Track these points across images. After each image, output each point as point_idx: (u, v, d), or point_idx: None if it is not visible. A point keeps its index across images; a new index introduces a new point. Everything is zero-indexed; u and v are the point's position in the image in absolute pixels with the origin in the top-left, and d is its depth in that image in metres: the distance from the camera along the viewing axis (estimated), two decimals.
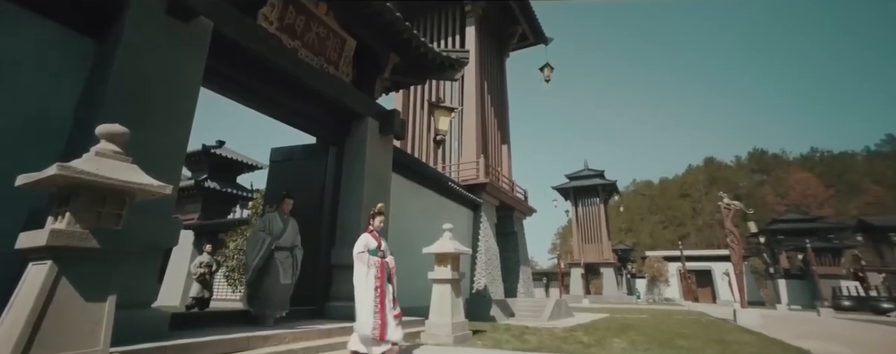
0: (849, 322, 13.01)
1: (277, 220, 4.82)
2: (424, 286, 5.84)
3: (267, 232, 4.70)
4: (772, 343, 5.32)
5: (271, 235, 4.71)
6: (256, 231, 4.71)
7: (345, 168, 6.17)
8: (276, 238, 4.69)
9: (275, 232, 4.74)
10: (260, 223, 4.79)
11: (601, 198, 35.71)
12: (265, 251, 4.62)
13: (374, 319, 3.91)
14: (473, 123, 11.51)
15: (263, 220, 4.83)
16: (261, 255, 4.59)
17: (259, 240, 4.64)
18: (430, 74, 7.39)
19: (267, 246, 4.62)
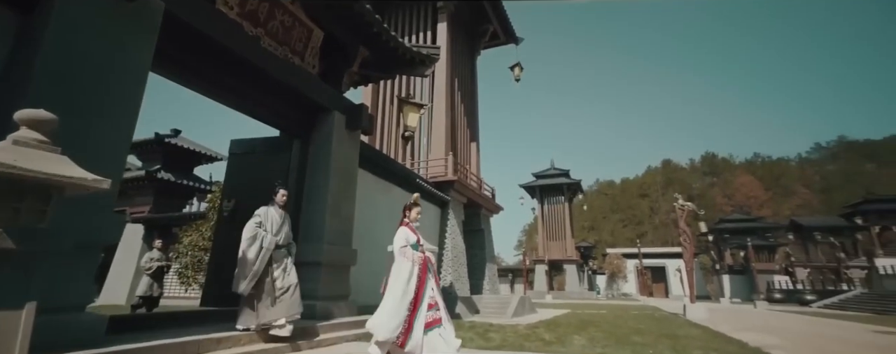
0: (779, 313, 14.16)
1: (275, 215, 4.28)
2: None
3: (265, 229, 4.11)
4: (715, 336, 5.67)
5: (270, 232, 4.12)
6: (252, 228, 4.08)
7: (310, 162, 5.96)
8: (275, 235, 4.15)
9: (274, 228, 4.21)
10: (254, 218, 4.17)
11: (566, 197, 36.78)
12: (265, 252, 3.99)
13: (402, 323, 3.41)
14: (443, 120, 11.47)
15: (258, 215, 4.23)
16: (261, 257, 3.95)
17: (257, 239, 4.01)
18: (400, 70, 7.27)
19: (268, 246, 4.00)
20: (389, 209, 8.72)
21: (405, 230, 3.94)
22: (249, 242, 4.00)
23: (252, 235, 4.04)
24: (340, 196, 6.01)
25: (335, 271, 5.69)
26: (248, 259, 3.95)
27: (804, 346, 5.14)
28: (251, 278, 3.91)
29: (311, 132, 6.02)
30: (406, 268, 3.65)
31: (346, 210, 6.15)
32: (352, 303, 5.95)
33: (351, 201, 6.33)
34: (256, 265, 3.95)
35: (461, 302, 10.13)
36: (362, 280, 7.14)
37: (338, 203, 5.92)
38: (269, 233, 4.13)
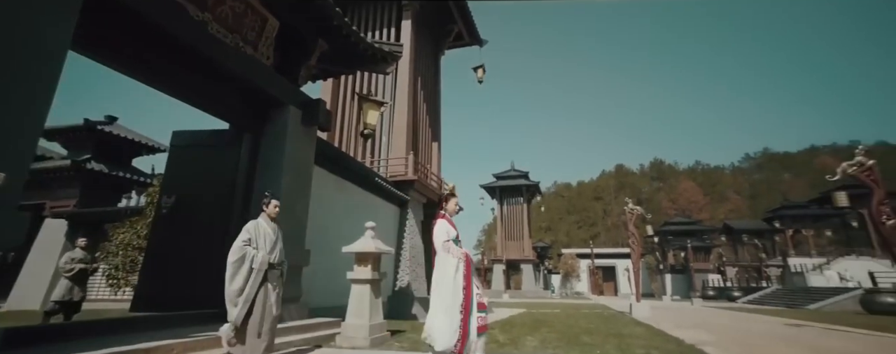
0: (711, 309, 15.38)
1: (267, 229, 3.74)
2: (346, 284, 5.58)
3: (255, 247, 3.59)
4: (657, 334, 6.02)
5: (263, 249, 3.60)
6: (239, 248, 3.53)
7: (261, 158, 5.64)
8: (269, 253, 3.63)
9: (267, 245, 3.67)
10: (242, 235, 3.61)
11: (525, 198, 37.75)
12: (257, 274, 3.45)
13: (457, 329, 3.05)
14: (404, 119, 11.33)
15: (247, 231, 3.67)
16: (252, 280, 3.43)
17: (245, 260, 3.47)
18: (361, 65, 7.07)
19: (259, 266, 3.48)
20: (346, 208, 8.48)
21: (445, 223, 3.49)
22: (237, 265, 3.45)
23: (239, 256, 3.47)
24: (294, 194, 5.74)
25: (288, 273, 5.41)
26: (236, 284, 3.41)
27: (731, 341, 5.57)
28: (243, 304, 3.39)
29: (263, 126, 5.70)
30: (451, 266, 3.26)
31: (299, 209, 5.88)
32: (304, 306, 5.71)
33: (305, 200, 6.07)
34: (247, 290, 3.42)
35: (418, 303, 10.07)
36: (316, 281, 6.88)
37: (291, 201, 5.64)
38: (262, 251, 3.61)
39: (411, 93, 11.86)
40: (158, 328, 3.81)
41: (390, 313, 9.63)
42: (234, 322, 3.38)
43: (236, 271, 3.45)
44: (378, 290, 5.54)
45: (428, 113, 13.68)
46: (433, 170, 13.55)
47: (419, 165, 12.16)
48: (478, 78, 12.45)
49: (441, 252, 3.35)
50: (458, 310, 3.12)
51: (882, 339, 6.76)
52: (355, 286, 5.38)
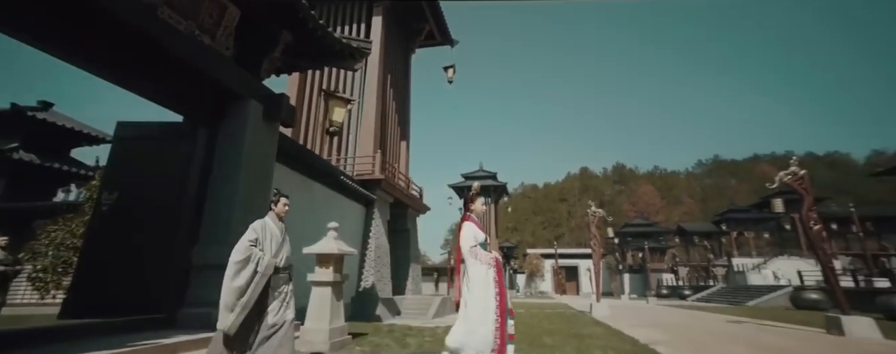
0: (665, 307, 16.23)
1: (275, 230, 3.47)
2: (308, 286, 5.39)
3: (261, 249, 3.29)
4: (614, 334, 6.24)
5: (268, 252, 3.31)
6: (245, 247, 3.23)
7: (218, 154, 5.34)
8: (274, 256, 3.35)
9: (273, 247, 3.38)
10: (249, 234, 3.31)
11: (493, 198, 38.15)
12: (260, 278, 3.18)
13: (494, 339, 2.86)
14: (373, 117, 11.14)
15: (254, 230, 3.37)
16: (255, 285, 3.14)
17: (250, 261, 3.19)
18: (327, 61, 6.85)
19: (264, 270, 3.20)
20: (310, 207, 8.21)
21: (471, 226, 3.30)
22: (240, 265, 3.15)
23: (244, 257, 3.17)
24: (253, 193, 5.47)
25: None
26: (237, 286, 3.09)
27: (681, 340, 5.88)
28: (240, 311, 3.07)
29: (221, 120, 5.39)
30: (481, 272, 3.08)
31: (259, 207, 5.60)
32: None
33: (265, 198, 5.78)
34: (248, 295, 3.11)
35: (382, 304, 9.93)
36: None
37: (250, 200, 5.38)
38: (267, 253, 3.31)
39: (380, 90, 11.68)
40: (94, 336, 3.49)
41: (353, 314, 9.43)
42: (226, 331, 3.07)
43: (238, 272, 3.14)
44: (340, 293, 5.39)
45: (397, 111, 13.53)
46: (401, 170, 13.42)
47: (387, 164, 11.99)
48: (448, 78, 12.45)
49: (469, 258, 3.18)
50: (494, 317, 2.95)
51: (807, 333, 7.42)
52: (316, 288, 5.20)
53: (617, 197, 79.89)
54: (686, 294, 28.06)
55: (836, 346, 5.70)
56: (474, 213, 3.41)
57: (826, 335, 7.19)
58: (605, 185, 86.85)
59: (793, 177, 8.17)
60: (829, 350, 5.35)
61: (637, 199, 75.98)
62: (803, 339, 6.50)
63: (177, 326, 4.43)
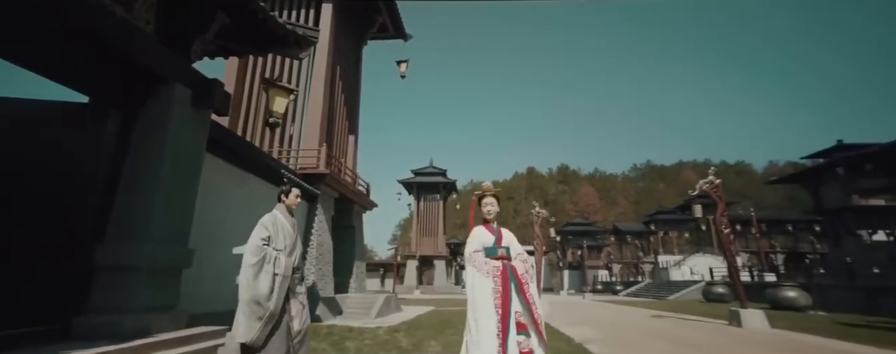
0: (598, 303, 17.37)
1: (287, 226, 3.17)
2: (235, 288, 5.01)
3: (276, 248, 2.98)
4: (552, 333, 6.51)
5: (284, 251, 3.00)
6: (258, 246, 2.88)
7: (135, 142, 4.75)
8: (289, 255, 3.04)
9: (287, 245, 3.07)
10: (259, 232, 2.98)
11: (442, 195, 38.45)
12: (282, 281, 2.86)
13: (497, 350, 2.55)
14: (319, 108, 10.65)
15: (264, 227, 3.03)
16: (278, 290, 2.81)
17: (267, 262, 2.85)
18: (270, 47, 6.38)
19: (285, 272, 2.89)
20: (245, 202, 7.68)
21: (480, 230, 2.98)
22: (257, 268, 2.80)
23: (259, 258, 2.82)
24: (177, 186, 4.96)
25: (161, 276, 4.67)
26: (261, 293, 2.74)
27: (612, 337, 6.29)
28: (267, 322, 2.74)
29: (139, 104, 4.81)
30: (477, 282, 2.75)
31: (183, 203, 5.11)
32: (181, 313, 4.96)
33: (191, 193, 5.29)
34: (273, 301, 2.77)
35: (323, 303, 9.58)
36: (202, 284, 6.12)
37: (172, 194, 4.87)
38: (283, 253, 2.95)
39: (328, 81, 11.19)
40: None
41: None
42: (250, 343, 2.70)
43: (256, 276, 2.78)
44: None
45: (345, 104, 13.06)
46: (348, 165, 13.01)
47: (333, 158, 11.55)
48: (401, 72, 12.21)
49: (466, 265, 2.90)
50: (495, 334, 2.61)
51: (713, 325, 8.36)
52: None
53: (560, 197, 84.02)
54: (618, 289, 30.29)
55: (735, 337, 6.44)
56: (485, 215, 3.06)
57: (728, 326, 8.10)
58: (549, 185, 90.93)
59: (710, 186, 9.06)
60: (729, 341, 6.02)
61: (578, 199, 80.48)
62: (711, 332, 7.25)
63: (73, 337, 3.89)
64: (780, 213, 41.27)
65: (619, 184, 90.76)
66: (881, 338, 6.66)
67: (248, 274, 2.81)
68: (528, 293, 2.71)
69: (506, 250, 2.89)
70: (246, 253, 2.87)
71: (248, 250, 2.88)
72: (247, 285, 2.79)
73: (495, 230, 2.97)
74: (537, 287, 9.92)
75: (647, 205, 64.41)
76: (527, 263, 2.83)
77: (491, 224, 3.02)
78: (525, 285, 2.73)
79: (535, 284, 2.80)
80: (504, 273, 2.74)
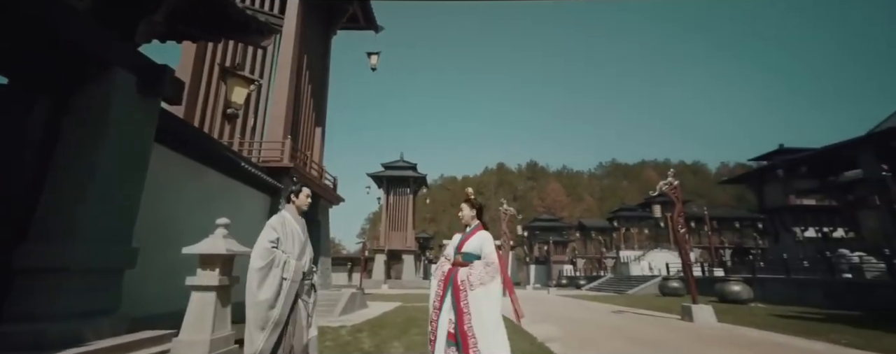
0: (563, 298, 17.86)
1: (296, 228, 2.98)
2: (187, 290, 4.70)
3: (284, 251, 2.81)
4: (516, 331, 6.56)
5: (292, 255, 2.83)
6: (266, 249, 2.72)
7: (68, 130, 4.31)
8: (298, 258, 2.87)
9: (296, 248, 2.88)
10: (267, 234, 2.81)
11: (411, 189, 38.22)
12: (291, 286, 2.71)
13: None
14: (284, 100, 10.19)
15: (272, 228, 2.85)
16: (285, 295, 2.66)
17: (275, 266, 2.68)
18: (229, 34, 5.99)
19: (293, 276, 2.73)
20: (202, 197, 7.25)
21: (457, 234, 3.09)
22: (264, 272, 2.65)
23: (267, 262, 2.67)
24: (118, 179, 4.56)
25: (98, 278, 4.29)
26: (264, 299, 2.61)
27: (573, 335, 6.45)
28: (272, 329, 2.62)
29: (75, 89, 4.36)
30: (432, 285, 2.80)
31: (126, 198, 4.71)
32: (122, 318, 4.60)
33: (135, 187, 4.88)
34: (278, 307, 2.63)
35: None
36: (148, 285, 5.74)
37: (112, 188, 4.48)
38: (292, 256, 2.78)
39: (294, 72, 10.71)
40: None
41: None
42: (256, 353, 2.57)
43: (262, 282, 2.63)
44: (227, 297, 4.80)
45: (313, 95, 12.60)
46: (314, 158, 12.59)
47: (298, 152, 11.13)
48: (372, 64, 11.88)
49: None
50: (429, 339, 2.64)
51: (668, 320, 8.77)
52: (197, 294, 4.55)
53: (528, 193, 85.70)
54: (581, 283, 31.34)
55: (687, 333, 6.78)
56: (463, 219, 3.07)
57: (681, 321, 8.53)
58: (518, 181, 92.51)
59: (669, 187, 9.44)
60: (681, 337, 6.31)
61: (546, 195, 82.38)
62: (665, 327, 7.59)
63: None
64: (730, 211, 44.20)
65: (585, 181, 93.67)
66: (809, 329, 7.36)
67: (253, 279, 2.68)
68: (462, 302, 2.58)
69: (463, 256, 2.82)
70: (253, 257, 2.75)
71: (256, 253, 2.75)
72: (252, 291, 2.67)
73: (470, 233, 2.96)
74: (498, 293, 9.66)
75: (612, 202, 66.95)
76: (474, 268, 2.69)
77: (466, 228, 3.04)
78: (462, 292, 2.60)
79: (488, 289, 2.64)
80: (446, 278, 2.72)
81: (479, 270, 2.67)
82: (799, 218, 28.08)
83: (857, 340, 6.05)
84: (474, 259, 2.78)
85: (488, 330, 2.49)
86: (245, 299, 2.69)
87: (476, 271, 2.67)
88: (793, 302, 13.54)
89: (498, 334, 2.53)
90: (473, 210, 3.09)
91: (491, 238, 2.84)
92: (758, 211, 32.92)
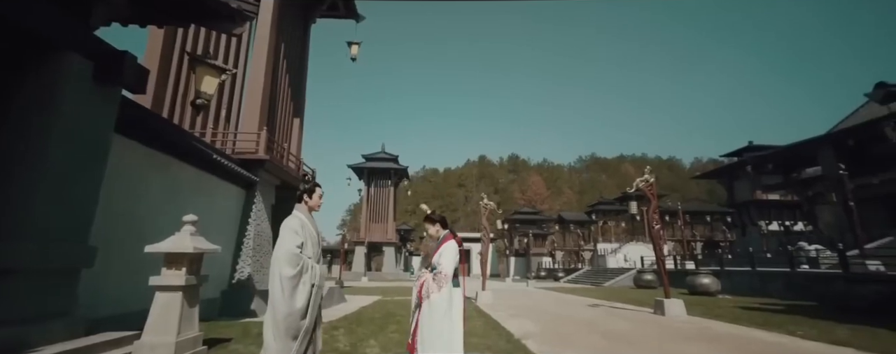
0: (541, 291, 18.15)
1: (312, 230, 2.80)
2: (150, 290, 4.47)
3: (309, 255, 2.70)
4: (493, 328, 6.61)
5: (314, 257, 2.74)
6: (294, 254, 2.54)
7: (13, 120, 3.99)
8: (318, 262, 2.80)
9: (316, 252, 2.79)
10: (292, 238, 2.61)
11: (393, 181, 37.96)
12: (317, 292, 2.64)
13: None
14: (260, 89, 9.79)
15: (295, 231, 2.64)
16: (313, 304, 2.58)
17: (306, 272, 2.56)
18: (198, 19, 5.66)
19: (320, 283, 2.68)
20: (169, 191, 6.93)
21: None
22: (295, 280, 2.48)
23: (298, 269, 2.51)
24: (73, 173, 4.27)
25: (51, 279, 4.03)
26: (299, 308, 2.48)
27: (550, 332, 6.51)
28: (303, 339, 2.50)
29: (23, 75, 4.03)
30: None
31: (82, 193, 4.42)
32: (78, 320, 4.34)
33: (93, 181, 4.59)
34: (310, 316, 2.54)
35: (259, 297, 9.03)
36: (109, 284, 5.45)
37: (66, 183, 4.19)
38: (313, 260, 2.69)
39: (271, 59, 10.30)
40: None
41: (223, 311, 8.41)
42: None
43: (295, 289, 2.47)
44: (195, 298, 4.61)
45: (290, 85, 12.19)
46: (292, 150, 12.24)
47: (275, 143, 10.79)
48: (352, 54, 11.55)
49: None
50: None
51: (641, 314, 9.02)
52: (162, 294, 4.35)
53: (510, 186, 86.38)
54: (560, 276, 31.96)
55: (658, 327, 6.97)
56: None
57: (653, 315, 8.77)
58: (500, 173, 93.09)
59: (645, 184, 9.61)
60: (653, 331, 6.49)
61: (527, 188, 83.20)
62: (638, 321, 7.79)
63: None
64: (702, 205, 45.84)
65: (565, 175, 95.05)
66: (770, 321, 7.75)
67: (285, 286, 2.50)
68: (421, 310, 2.70)
69: (431, 268, 2.88)
70: (281, 264, 2.55)
71: (284, 260, 2.55)
72: (284, 299, 2.48)
73: (436, 246, 3.01)
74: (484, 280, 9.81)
75: (591, 196, 68.26)
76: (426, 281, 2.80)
77: (437, 240, 3.06)
78: (423, 300, 2.72)
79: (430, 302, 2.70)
80: (419, 289, 2.78)
81: (429, 282, 2.75)
82: (764, 212, 29.45)
83: (812, 331, 6.38)
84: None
85: (425, 342, 2.60)
86: (269, 306, 2.57)
87: (427, 283, 2.75)
88: (757, 293, 14.17)
89: (437, 343, 2.59)
90: (436, 224, 3.10)
91: (452, 248, 2.88)
92: (727, 205, 34.32)
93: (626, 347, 5.23)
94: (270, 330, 2.53)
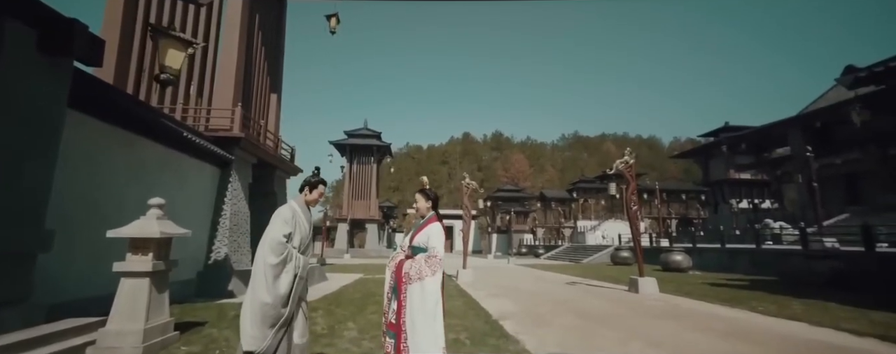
0: (521, 268, 18.58)
1: (304, 222, 2.76)
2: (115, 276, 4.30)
3: (295, 245, 2.66)
4: (471, 308, 6.71)
5: (299, 248, 2.69)
6: (280, 244, 2.53)
7: None
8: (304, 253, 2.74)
9: (303, 243, 2.72)
10: (281, 227, 2.58)
11: (375, 158, 37.51)
12: (299, 283, 2.62)
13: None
14: (233, 63, 9.29)
15: (285, 221, 2.61)
16: (295, 293, 2.57)
17: (289, 261, 2.55)
18: None
19: (303, 273, 2.65)
20: (134, 170, 6.60)
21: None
22: (279, 269, 2.51)
23: (282, 258, 2.52)
24: (20, 153, 3.98)
25: (2, 265, 3.81)
26: (280, 295, 2.48)
27: (527, 312, 6.63)
28: (280, 328, 2.50)
29: None
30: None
31: (33, 174, 4.14)
32: (35, 307, 4.16)
33: (45, 160, 4.30)
34: (289, 306, 2.55)
35: (237, 278, 8.92)
36: (71, 268, 5.23)
37: (12, 163, 3.91)
38: (300, 250, 2.67)
39: (245, 31, 9.73)
40: None
41: (199, 292, 8.27)
42: (262, 351, 2.43)
43: (277, 278, 2.49)
44: (163, 283, 4.47)
45: (266, 58, 11.62)
46: (270, 127, 11.82)
47: (252, 120, 10.37)
48: (331, 28, 11.00)
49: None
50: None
51: (616, 292, 9.32)
52: (127, 280, 4.18)
53: (493, 163, 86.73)
54: (540, 252, 32.75)
55: (632, 305, 7.22)
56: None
57: (628, 293, 9.09)
58: (483, 151, 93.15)
59: (625, 165, 9.71)
60: (627, 310, 6.71)
61: (510, 166, 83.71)
62: (613, 300, 8.05)
63: None
64: (678, 184, 47.26)
65: (548, 153, 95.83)
66: (734, 297, 8.13)
67: (268, 274, 2.51)
68: (403, 294, 2.58)
69: (412, 249, 2.76)
70: (266, 251, 2.54)
71: (269, 247, 2.55)
72: (266, 287, 2.49)
73: (418, 225, 2.86)
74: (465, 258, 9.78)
75: (572, 173, 69.24)
76: (415, 262, 2.65)
77: (421, 219, 2.91)
78: (404, 284, 2.60)
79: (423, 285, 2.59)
80: (396, 269, 2.69)
81: (420, 264, 2.63)
82: (736, 191, 30.66)
83: (772, 307, 6.75)
84: (421, 252, 2.72)
85: (416, 326, 2.51)
86: (249, 292, 2.55)
87: (416, 265, 2.64)
88: (726, 269, 14.87)
89: (427, 330, 2.51)
90: (429, 201, 2.93)
91: (441, 231, 2.74)
92: (702, 183, 35.47)
93: (599, 326, 5.39)
94: (248, 317, 2.52)
